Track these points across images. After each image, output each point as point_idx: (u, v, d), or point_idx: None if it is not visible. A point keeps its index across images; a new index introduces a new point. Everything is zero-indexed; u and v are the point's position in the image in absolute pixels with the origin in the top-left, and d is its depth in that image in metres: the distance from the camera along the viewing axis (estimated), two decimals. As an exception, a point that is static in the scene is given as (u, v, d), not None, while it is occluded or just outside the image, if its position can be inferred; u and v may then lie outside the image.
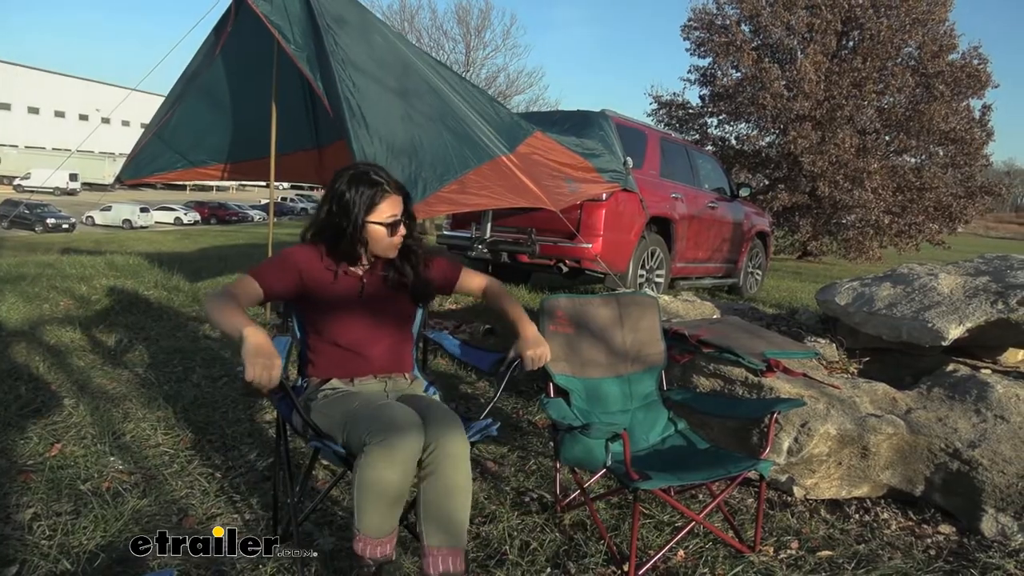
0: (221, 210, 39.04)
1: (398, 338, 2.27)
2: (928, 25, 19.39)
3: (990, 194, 20.61)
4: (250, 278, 2.00)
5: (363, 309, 2.15)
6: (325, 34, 4.10)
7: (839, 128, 18.39)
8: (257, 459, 2.88)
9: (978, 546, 2.51)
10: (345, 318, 2.14)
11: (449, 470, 1.87)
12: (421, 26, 29.91)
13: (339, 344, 2.14)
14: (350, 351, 2.14)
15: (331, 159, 6.46)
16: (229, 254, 10.72)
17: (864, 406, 2.93)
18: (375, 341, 2.19)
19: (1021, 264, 3.54)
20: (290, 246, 2.14)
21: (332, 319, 2.13)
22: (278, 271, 2.06)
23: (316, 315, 2.15)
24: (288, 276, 2.06)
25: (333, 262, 2.11)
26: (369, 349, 2.17)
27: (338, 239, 2.07)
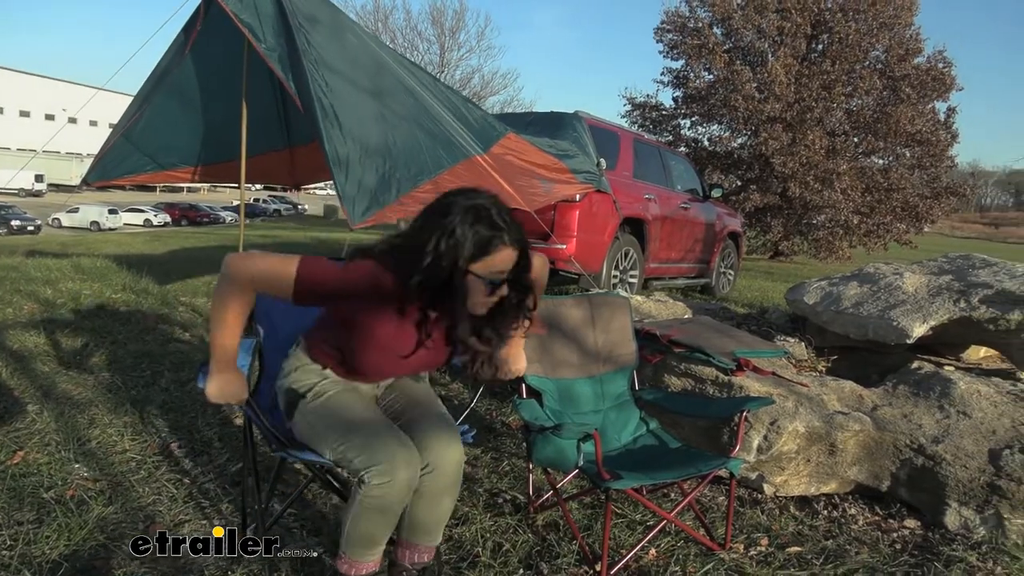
0: (192, 212, 38.52)
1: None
2: (895, 29, 19.77)
3: (955, 195, 21.04)
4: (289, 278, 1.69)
5: (405, 353, 1.83)
6: (297, 33, 4.06)
7: (809, 130, 18.66)
8: (227, 464, 2.84)
9: (942, 539, 2.56)
10: (383, 352, 1.84)
11: (443, 482, 1.88)
12: (395, 27, 29.91)
13: (361, 366, 1.90)
14: (366, 373, 1.95)
15: (303, 159, 6.42)
16: (200, 256, 10.58)
17: (832, 404, 2.98)
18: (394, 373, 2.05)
19: (983, 263, 3.62)
20: (355, 260, 1.75)
21: (369, 346, 1.83)
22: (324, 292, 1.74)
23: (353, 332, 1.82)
24: (334, 299, 1.78)
25: (403, 297, 1.72)
26: (384, 377, 2.05)
27: (426, 276, 1.66)
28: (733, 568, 2.28)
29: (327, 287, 1.72)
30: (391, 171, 4.01)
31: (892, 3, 19.53)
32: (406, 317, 1.76)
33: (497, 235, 1.65)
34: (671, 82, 21.77)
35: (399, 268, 1.69)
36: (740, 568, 2.28)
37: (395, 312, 1.75)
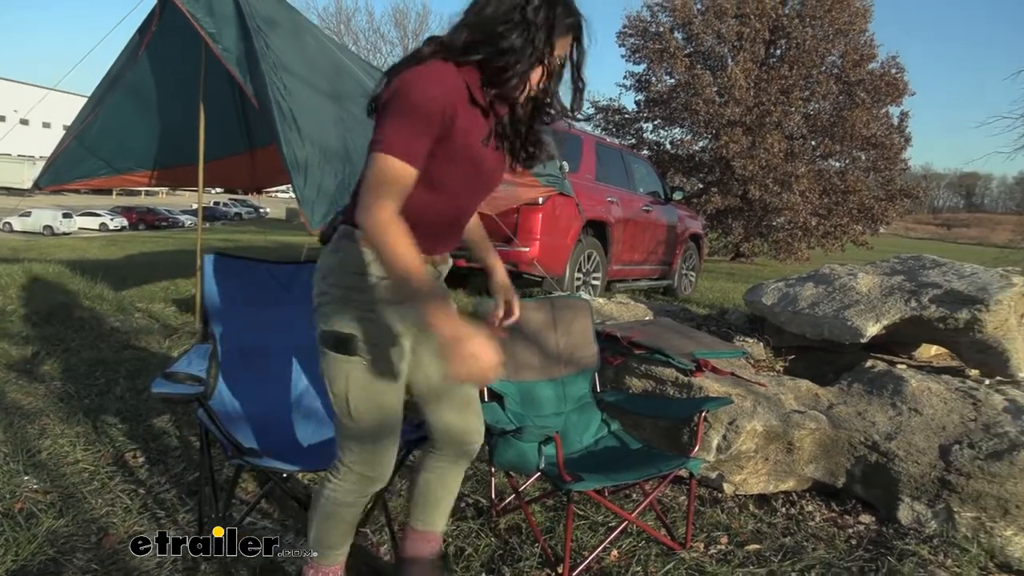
0: (150, 215, 37.72)
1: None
2: (850, 35, 20.27)
3: (909, 196, 21.63)
4: (403, 165, 1.42)
5: (484, 164, 1.63)
6: (255, 36, 4.01)
7: (768, 133, 19.01)
8: (184, 473, 2.79)
9: (895, 534, 2.62)
10: (471, 172, 1.62)
11: (462, 464, 1.94)
12: (358, 28, 29.75)
13: (446, 210, 1.65)
14: (450, 219, 1.70)
15: (263, 163, 6.33)
16: (158, 260, 10.37)
17: (789, 403, 3.03)
18: (472, 210, 1.78)
19: (933, 264, 3.72)
20: (421, 66, 1.49)
21: (460, 170, 1.59)
22: (425, 128, 1.46)
23: (440, 163, 1.53)
24: (433, 130, 1.48)
25: (485, 94, 1.56)
26: (465, 219, 1.78)
27: (516, 61, 1.50)
28: (693, 567, 2.30)
29: (417, 119, 1.45)
30: (351, 175, 3.97)
31: (847, 10, 20.03)
32: (487, 119, 1.60)
33: (577, 19, 1.56)
34: (633, 86, 22.01)
35: (469, 59, 1.51)
36: (700, 567, 2.30)
37: (482, 117, 1.58)
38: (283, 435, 2.27)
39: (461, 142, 1.52)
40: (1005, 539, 2.52)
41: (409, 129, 1.43)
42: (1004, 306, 3.12)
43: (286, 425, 2.32)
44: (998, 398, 2.98)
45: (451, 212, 1.66)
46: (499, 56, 1.50)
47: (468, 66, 1.52)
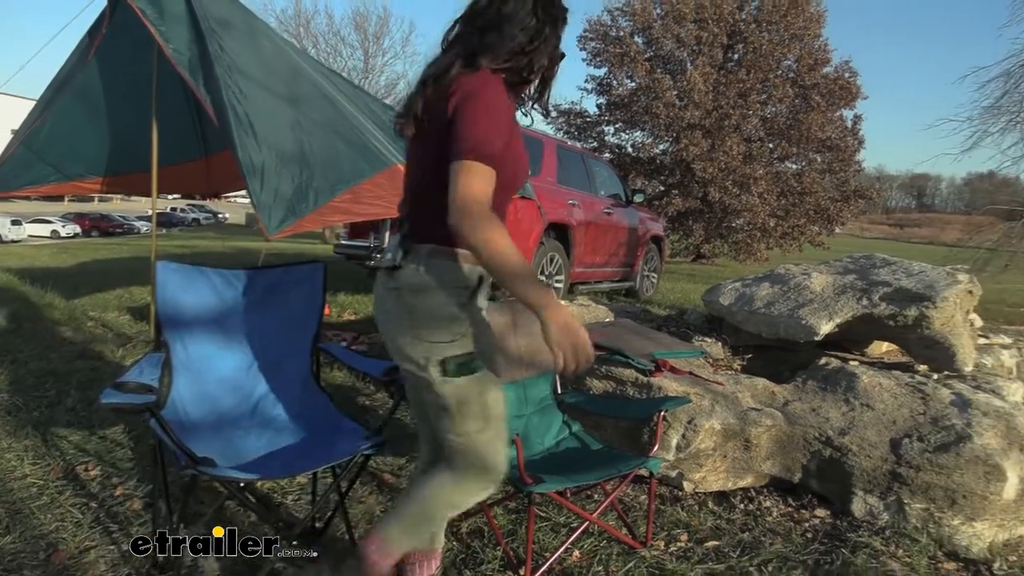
0: (104, 222, 36.86)
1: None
2: (804, 40, 20.71)
3: (863, 197, 22.15)
4: (490, 169, 1.47)
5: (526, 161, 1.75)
6: (208, 38, 3.94)
7: (727, 136, 19.32)
8: (138, 486, 2.72)
9: (849, 526, 2.69)
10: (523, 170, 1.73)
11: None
12: (317, 31, 29.33)
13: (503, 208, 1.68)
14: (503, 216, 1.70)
15: (219, 168, 6.22)
16: (112, 268, 10.13)
17: (746, 400, 3.09)
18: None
19: (883, 263, 3.82)
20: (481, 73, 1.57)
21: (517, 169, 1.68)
22: (504, 132, 1.53)
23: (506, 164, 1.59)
24: (508, 134, 1.56)
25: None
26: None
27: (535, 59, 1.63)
28: (654, 565, 2.33)
29: (503, 126, 1.53)
30: (308, 180, 3.93)
31: (802, 15, 20.47)
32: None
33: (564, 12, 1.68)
34: (595, 89, 22.19)
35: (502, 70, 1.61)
36: (661, 565, 2.33)
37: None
38: (240, 444, 2.24)
39: (516, 143, 1.61)
40: (953, 528, 2.60)
41: (492, 132, 1.48)
42: (950, 303, 3.22)
43: (243, 434, 2.28)
44: (945, 392, 3.07)
45: (505, 209, 1.69)
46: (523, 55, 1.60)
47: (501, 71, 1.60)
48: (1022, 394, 3.14)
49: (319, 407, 2.36)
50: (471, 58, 1.55)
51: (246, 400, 2.36)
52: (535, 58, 1.62)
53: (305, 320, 2.47)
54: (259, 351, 2.42)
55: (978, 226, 11.10)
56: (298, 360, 2.46)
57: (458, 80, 1.52)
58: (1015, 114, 9.50)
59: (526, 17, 1.58)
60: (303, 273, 2.50)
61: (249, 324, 2.42)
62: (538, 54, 1.62)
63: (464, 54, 1.56)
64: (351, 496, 2.63)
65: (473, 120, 1.48)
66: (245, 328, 2.41)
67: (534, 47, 1.60)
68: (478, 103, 1.49)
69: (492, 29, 1.57)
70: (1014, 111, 9.49)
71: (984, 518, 2.60)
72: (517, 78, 1.63)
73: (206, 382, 2.30)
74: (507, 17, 1.57)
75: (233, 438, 2.22)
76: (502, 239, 1.41)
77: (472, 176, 1.44)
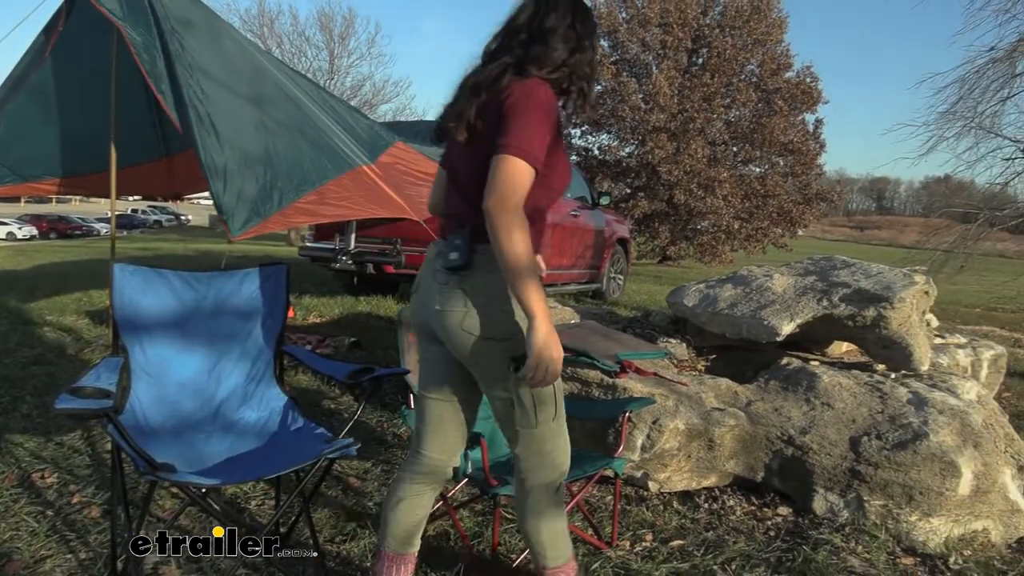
0: (62, 224, 35.97)
1: None
2: (767, 45, 21.09)
3: (825, 200, 22.61)
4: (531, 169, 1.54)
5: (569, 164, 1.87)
6: (170, 37, 3.87)
7: (692, 139, 19.58)
8: (96, 493, 2.66)
9: (811, 524, 2.73)
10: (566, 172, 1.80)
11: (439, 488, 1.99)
12: (282, 31, 28.91)
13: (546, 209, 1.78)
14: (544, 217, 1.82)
15: (181, 169, 6.11)
16: (70, 271, 9.89)
17: (710, 401, 3.12)
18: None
19: (843, 264, 3.90)
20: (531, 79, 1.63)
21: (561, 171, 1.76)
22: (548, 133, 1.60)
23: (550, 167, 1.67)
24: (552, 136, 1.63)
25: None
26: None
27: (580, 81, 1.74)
28: (619, 565, 2.34)
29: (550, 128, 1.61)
30: (272, 181, 3.88)
31: (764, 21, 20.84)
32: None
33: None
34: (561, 92, 22.26)
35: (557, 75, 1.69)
36: (626, 565, 2.35)
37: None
38: (201, 448, 2.20)
39: (559, 148, 1.68)
40: (910, 524, 2.66)
41: (538, 135, 1.56)
42: (907, 303, 3.30)
43: (204, 438, 2.24)
44: (903, 391, 3.15)
45: (544, 212, 1.76)
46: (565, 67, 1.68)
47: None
48: (976, 392, 3.22)
49: (282, 410, 2.33)
50: (521, 67, 1.64)
51: (207, 404, 2.32)
52: (576, 69, 1.70)
53: (268, 322, 2.44)
54: (221, 354, 2.38)
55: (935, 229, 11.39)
56: (261, 363, 2.43)
57: (511, 86, 1.60)
58: (969, 119, 9.77)
59: (567, 30, 1.68)
60: (265, 275, 2.47)
61: (210, 327, 2.38)
62: (579, 65, 1.70)
63: (514, 63, 1.64)
64: (315, 501, 2.61)
65: (523, 121, 1.55)
66: (206, 331, 2.37)
67: (575, 59, 1.69)
68: (528, 105, 1.57)
69: (537, 42, 1.66)
70: (968, 116, 9.75)
71: (940, 514, 2.67)
72: (558, 88, 1.71)
73: (166, 386, 2.26)
74: (550, 30, 1.67)
75: (194, 443, 2.18)
76: (523, 238, 1.50)
77: (513, 170, 1.52)
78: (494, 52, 1.71)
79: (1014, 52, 9.18)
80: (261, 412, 2.34)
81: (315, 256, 6.44)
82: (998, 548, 2.70)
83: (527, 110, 1.56)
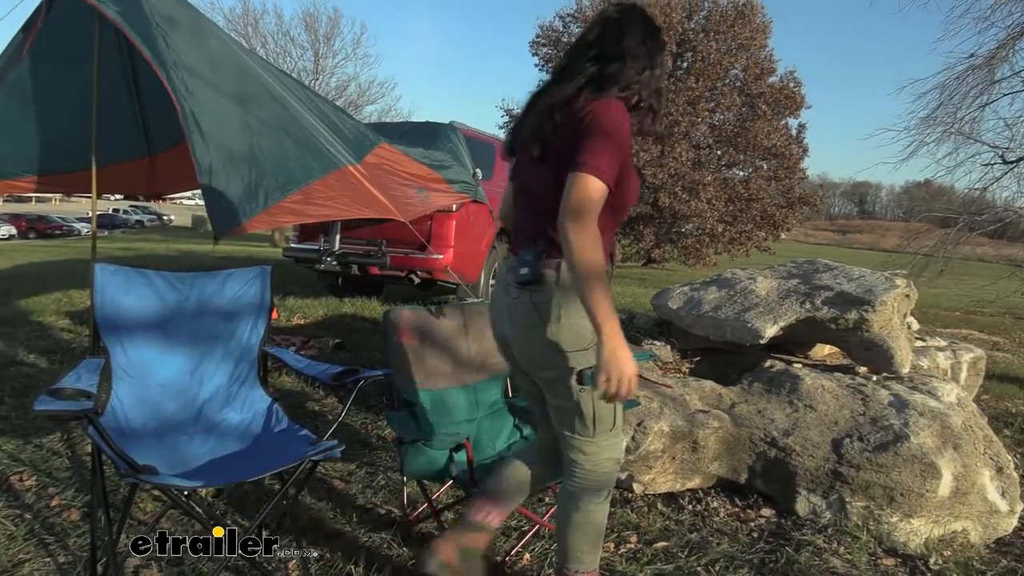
0: (41, 223, 35.47)
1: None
2: (751, 50, 21.25)
3: (807, 204, 22.81)
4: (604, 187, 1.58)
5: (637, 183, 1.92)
6: (155, 34, 3.83)
7: (677, 143, 19.67)
8: (76, 496, 2.63)
9: (793, 525, 2.75)
10: (635, 191, 1.86)
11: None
12: (266, 31, 28.77)
13: (615, 226, 1.86)
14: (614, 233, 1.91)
15: (163, 168, 6.05)
16: (49, 271, 9.77)
17: (694, 403, 3.14)
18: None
19: (825, 267, 3.93)
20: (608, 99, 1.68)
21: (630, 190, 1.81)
22: (621, 154, 1.65)
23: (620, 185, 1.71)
24: (624, 156, 1.68)
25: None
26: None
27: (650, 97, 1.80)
28: (604, 567, 2.34)
29: (621, 152, 1.65)
30: (258, 180, 3.86)
31: (748, 26, 21.00)
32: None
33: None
34: (547, 95, 22.30)
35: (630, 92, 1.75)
36: (611, 566, 2.35)
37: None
38: (184, 450, 2.18)
39: (629, 166, 1.73)
40: (891, 525, 2.69)
41: (612, 155, 1.60)
42: (888, 306, 3.33)
43: (187, 440, 2.22)
44: (884, 393, 3.18)
45: (612, 230, 1.81)
46: (637, 84, 1.73)
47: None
48: (956, 395, 3.26)
49: (266, 412, 2.32)
50: (597, 85, 1.69)
51: (190, 405, 2.30)
52: (647, 86, 1.76)
53: (251, 323, 2.43)
54: (203, 355, 2.36)
55: (915, 233, 11.51)
56: (244, 364, 2.41)
57: (587, 105, 1.65)
58: (949, 125, 9.88)
59: (638, 48, 1.74)
60: (249, 276, 2.45)
61: (193, 328, 2.36)
62: (650, 82, 1.76)
63: (590, 82, 1.69)
64: (300, 503, 2.59)
65: (598, 140, 1.60)
66: (189, 332, 2.35)
67: (646, 75, 1.74)
68: (603, 124, 1.62)
69: (612, 60, 1.71)
70: (948, 122, 9.87)
71: (920, 515, 2.70)
72: (629, 105, 1.75)
73: (147, 387, 2.24)
74: (624, 49, 1.72)
75: (176, 444, 2.16)
76: (596, 249, 1.55)
77: (588, 187, 1.57)
78: (564, 68, 1.76)
79: (992, 59, 9.31)
80: (244, 413, 2.33)
81: (299, 257, 6.40)
82: (977, 548, 2.74)
83: (602, 130, 1.61)
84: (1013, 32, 9.02)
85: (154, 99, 4.95)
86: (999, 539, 2.84)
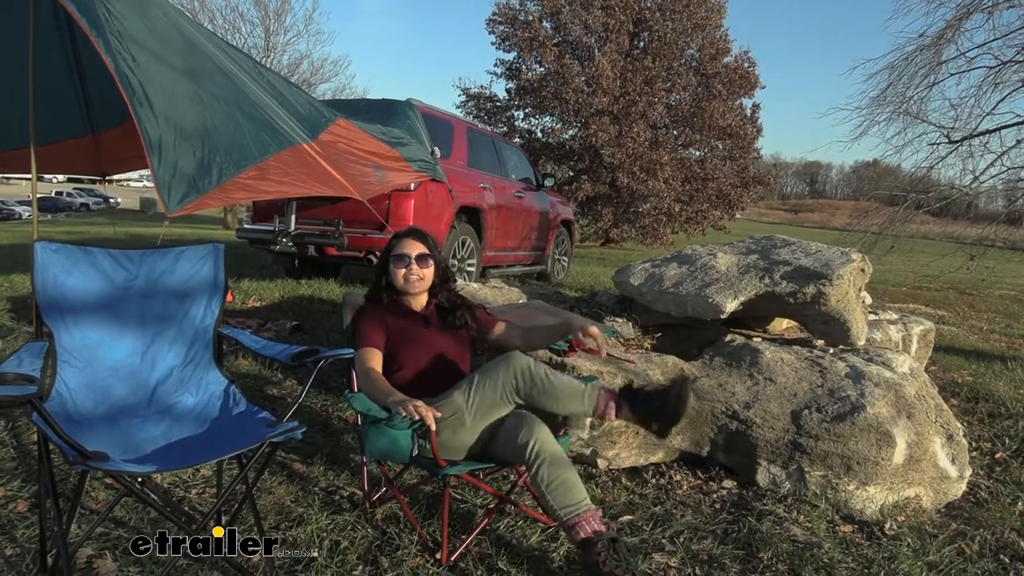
0: (-22, 206, 34.07)
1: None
2: (706, 30, 21.40)
3: (761, 184, 23.18)
4: (367, 350, 2.39)
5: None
6: (97, 3, 3.65)
7: (634, 122, 19.75)
8: (23, 487, 2.52)
9: (755, 496, 2.80)
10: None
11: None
12: (214, 6, 27.95)
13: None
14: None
15: (109, 147, 5.82)
16: (-11, 255, 9.37)
17: (656, 378, 3.15)
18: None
19: (783, 243, 3.97)
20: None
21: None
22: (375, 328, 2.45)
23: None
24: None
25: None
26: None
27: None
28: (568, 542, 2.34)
29: (369, 326, 2.48)
30: (211, 155, 3.73)
31: (704, 5, 21.12)
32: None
33: (398, 235, 2.62)
34: (504, 74, 22.19)
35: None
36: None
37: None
38: (136, 435, 2.09)
39: None
40: (848, 493, 2.75)
41: None
42: (845, 280, 3.38)
43: (139, 423, 2.13)
44: (841, 365, 3.24)
45: None
46: None
47: None
48: (909, 365, 3.34)
49: (222, 394, 2.24)
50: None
51: (141, 388, 2.21)
52: None
53: (205, 303, 2.34)
54: (155, 336, 2.27)
55: (864, 211, 11.79)
56: (199, 345, 2.33)
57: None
58: (898, 105, 10.11)
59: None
60: (202, 253, 2.36)
61: (143, 308, 2.26)
62: None
63: None
64: (259, 487, 2.53)
65: None
66: (138, 312, 2.26)
67: None
68: None
69: None
70: (897, 102, 10.09)
71: (876, 482, 2.76)
72: None
73: (96, 370, 2.14)
74: None
75: (128, 429, 2.08)
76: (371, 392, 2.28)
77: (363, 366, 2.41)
78: None
79: (940, 39, 9.52)
80: (200, 396, 2.25)
81: (253, 239, 6.24)
82: (929, 513, 2.82)
83: None
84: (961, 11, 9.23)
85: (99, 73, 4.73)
86: (949, 503, 2.93)
